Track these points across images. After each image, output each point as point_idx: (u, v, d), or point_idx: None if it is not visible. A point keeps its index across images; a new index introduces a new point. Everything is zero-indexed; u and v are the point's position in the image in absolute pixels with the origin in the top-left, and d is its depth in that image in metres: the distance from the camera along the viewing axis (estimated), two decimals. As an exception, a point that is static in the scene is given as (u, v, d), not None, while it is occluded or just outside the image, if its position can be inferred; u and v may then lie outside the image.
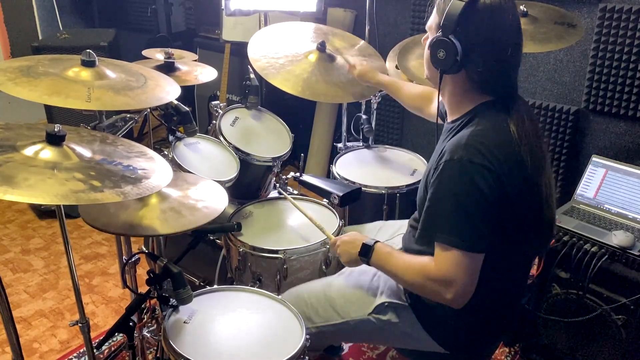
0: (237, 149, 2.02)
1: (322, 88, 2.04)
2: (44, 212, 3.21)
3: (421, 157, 2.37)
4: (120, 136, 1.57)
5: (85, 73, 1.48)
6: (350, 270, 1.65)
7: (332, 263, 1.80)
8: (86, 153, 1.26)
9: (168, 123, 1.92)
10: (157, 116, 1.97)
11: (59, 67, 1.48)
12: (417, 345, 1.51)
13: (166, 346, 1.34)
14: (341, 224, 1.84)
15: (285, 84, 1.98)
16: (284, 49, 2.12)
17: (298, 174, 2.12)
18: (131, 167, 1.26)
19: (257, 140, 2.14)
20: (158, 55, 2.16)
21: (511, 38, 1.27)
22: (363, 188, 2.06)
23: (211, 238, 1.97)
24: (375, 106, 2.53)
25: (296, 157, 2.22)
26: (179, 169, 1.85)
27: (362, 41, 2.32)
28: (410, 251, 1.44)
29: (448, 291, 1.22)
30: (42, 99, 1.34)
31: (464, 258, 1.20)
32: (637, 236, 1.90)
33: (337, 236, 1.60)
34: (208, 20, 3.77)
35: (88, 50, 1.53)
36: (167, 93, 1.58)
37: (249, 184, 2.15)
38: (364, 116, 2.45)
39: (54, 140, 1.22)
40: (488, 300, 1.40)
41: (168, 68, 2.07)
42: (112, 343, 2.24)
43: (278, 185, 2.15)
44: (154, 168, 1.30)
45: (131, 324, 1.43)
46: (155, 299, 1.45)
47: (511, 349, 2.25)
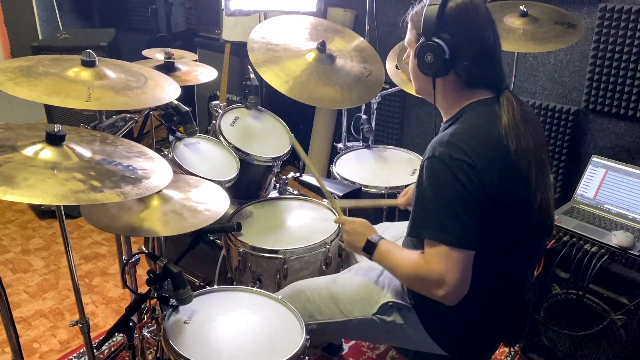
0: (237, 149, 2.02)
1: (320, 91, 1.99)
2: (44, 212, 3.21)
3: (421, 157, 2.36)
4: (120, 136, 1.57)
5: (85, 73, 1.48)
6: (356, 268, 1.66)
7: (332, 263, 1.81)
8: (86, 153, 1.26)
9: (168, 123, 1.92)
10: (157, 116, 1.97)
11: (59, 67, 1.48)
12: (419, 346, 1.52)
13: (166, 346, 1.34)
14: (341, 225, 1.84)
15: (275, 80, 1.93)
16: (284, 39, 2.08)
17: (298, 174, 2.12)
18: (131, 167, 1.26)
19: (257, 140, 2.14)
20: (158, 55, 2.16)
21: (488, 28, 1.30)
22: (363, 188, 2.06)
23: (211, 238, 1.97)
24: (375, 106, 2.53)
25: (296, 157, 2.23)
26: (179, 169, 1.85)
27: (361, 38, 2.30)
28: None
29: (440, 288, 1.22)
30: (42, 99, 1.34)
31: (452, 253, 1.20)
32: (637, 236, 1.90)
33: (346, 220, 1.56)
34: (208, 20, 3.77)
35: (88, 50, 1.52)
36: (167, 93, 1.58)
37: (249, 184, 2.15)
38: (364, 116, 2.45)
39: (54, 140, 1.21)
40: (490, 302, 1.40)
41: (168, 68, 2.07)
42: (112, 343, 2.24)
43: (278, 185, 2.15)
44: (154, 168, 1.30)
45: (131, 324, 1.43)
46: (155, 299, 1.45)
47: (511, 349, 2.25)
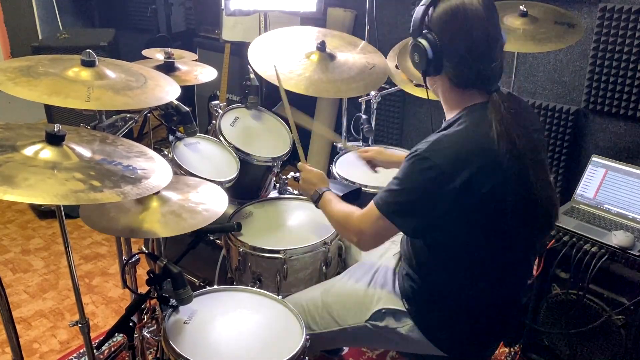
0: (237, 149, 2.02)
1: (325, 85, 2.02)
2: (44, 212, 3.21)
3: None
4: (120, 136, 1.57)
5: (85, 73, 1.48)
6: (351, 272, 1.66)
7: (332, 263, 1.81)
8: (86, 153, 1.26)
9: (168, 123, 1.92)
10: (157, 116, 1.97)
11: (59, 67, 1.48)
12: (416, 349, 1.52)
13: (166, 346, 1.34)
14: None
15: (296, 88, 1.97)
16: (287, 55, 2.10)
17: (298, 174, 2.11)
18: (131, 167, 1.26)
19: (257, 140, 2.14)
20: (158, 55, 2.16)
21: (479, 28, 1.26)
22: (363, 188, 2.06)
23: (211, 238, 1.97)
24: (375, 106, 2.53)
25: (296, 157, 2.22)
26: (179, 169, 1.85)
27: (363, 42, 2.31)
28: (408, 252, 1.45)
29: (356, 237, 1.44)
30: (42, 99, 1.34)
31: (380, 221, 1.34)
32: (637, 236, 1.90)
33: (304, 168, 1.74)
34: (208, 20, 3.77)
35: (88, 50, 1.52)
36: (167, 93, 1.58)
37: (249, 184, 2.15)
38: (364, 116, 2.44)
39: (54, 140, 1.21)
40: (486, 302, 1.40)
41: (168, 68, 2.07)
42: (112, 343, 2.24)
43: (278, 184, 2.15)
44: (154, 168, 1.30)
45: (131, 324, 1.43)
46: (155, 299, 1.45)
47: (511, 349, 2.25)
